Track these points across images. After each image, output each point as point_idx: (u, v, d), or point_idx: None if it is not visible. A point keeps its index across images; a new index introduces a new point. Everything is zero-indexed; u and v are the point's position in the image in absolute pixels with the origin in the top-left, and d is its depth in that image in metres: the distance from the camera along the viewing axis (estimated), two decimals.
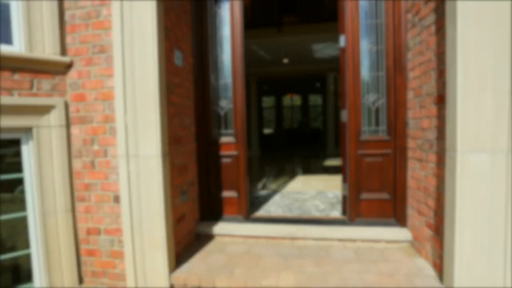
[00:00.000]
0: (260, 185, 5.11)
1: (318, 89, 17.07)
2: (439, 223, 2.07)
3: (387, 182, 2.86)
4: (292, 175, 6.13)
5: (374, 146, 2.86)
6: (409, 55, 2.58)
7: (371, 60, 2.87)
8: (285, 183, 5.21)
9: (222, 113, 3.15)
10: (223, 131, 3.17)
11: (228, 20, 3.06)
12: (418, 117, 2.42)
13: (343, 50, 2.95)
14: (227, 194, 3.17)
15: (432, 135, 2.18)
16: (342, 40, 2.94)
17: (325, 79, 10.65)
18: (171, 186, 2.40)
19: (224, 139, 3.14)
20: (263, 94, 18.75)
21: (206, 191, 3.15)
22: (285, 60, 9.61)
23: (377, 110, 2.89)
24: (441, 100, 2.03)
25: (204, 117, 3.13)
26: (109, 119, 2.23)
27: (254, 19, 8.47)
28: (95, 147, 2.26)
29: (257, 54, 8.82)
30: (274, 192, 4.46)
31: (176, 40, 2.57)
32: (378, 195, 2.89)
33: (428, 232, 2.27)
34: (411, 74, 2.57)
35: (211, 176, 3.18)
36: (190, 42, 2.96)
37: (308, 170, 6.96)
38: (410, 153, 2.63)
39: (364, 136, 2.88)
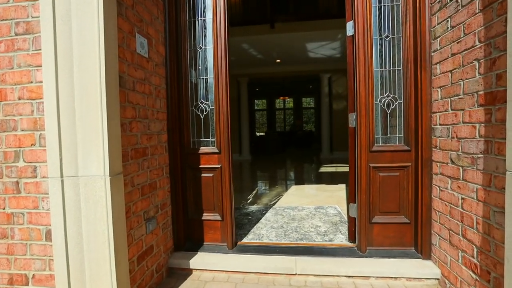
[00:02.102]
0: (250, 197, 4.52)
1: (312, 91, 16.63)
2: (490, 266, 1.52)
3: (405, 202, 2.31)
4: (285, 184, 5.56)
5: (390, 157, 2.31)
6: (436, 45, 2.05)
7: (385, 52, 2.33)
8: (278, 195, 4.63)
9: (202, 116, 2.56)
10: (203, 138, 2.57)
11: (210, 1, 2.48)
12: (451, 123, 1.87)
13: (350, 40, 2.40)
14: (208, 216, 2.58)
15: (475, 147, 1.63)
16: (350, 28, 2.39)
17: (320, 81, 10.16)
18: (129, 214, 1.80)
19: (204, 149, 2.55)
20: (255, 96, 18.22)
21: (182, 213, 2.55)
22: (278, 60, 9.07)
23: (392, 114, 2.35)
24: (493, 100, 1.48)
25: (180, 121, 2.53)
26: (39, 125, 1.62)
27: (245, 15, 7.94)
28: (20, 163, 1.64)
29: (248, 54, 8.27)
30: (266, 207, 3.88)
31: (138, 22, 1.97)
32: (395, 218, 2.34)
33: (468, 275, 1.72)
34: (438, 69, 2.03)
35: (188, 194, 2.58)
36: (162, 28, 2.37)
37: (303, 178, 6.41)
38: (436, 168, 2.08)
39: (378, 145, 2.33)
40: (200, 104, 2.55)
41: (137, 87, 1.94)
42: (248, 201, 4.26)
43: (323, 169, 7.55)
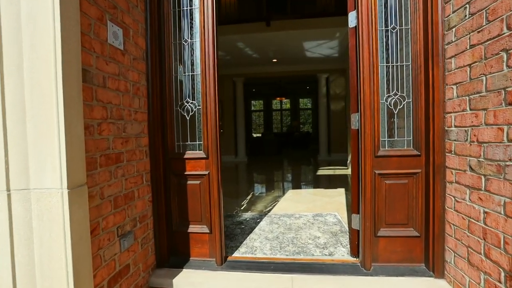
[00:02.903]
0: (244, 203, 4.26)
1: (310, 91, 16.42)
2: None
3: (415, 213, 2.07)
4: (282, 188, 5.31)
5: (397, 163, 2.07)
6: (450, 36, 1.81)
7: (392, 45, 2.08)
8: (274, 200, 4.37)
9: (188, 117, 2.30)
10: (189, 142, 2.31)
11: None
12: (470, 125, 1.63)
13: (353, 32, 2.16)
14: (195, 228, 2.31)
15: (502, 153, 1.39)
16: (352, 18, 2.15)
17: (317, 81, 9.94)
18: (97, 231, 1.54)
19: (190, 153, 2.29)
20: (252, 97, 17.98)
21: (165, 225, 2.28)
22: (274, 60, 8.83)
23: (400, 114, 2.11)
24: None
25: (163, 123, 2.27)
26: None
27: (240, 12, 7.69)
28: None
29: (243, 53, 8.02)
30: (261, 214, 3.62)
31: (111, 8, 1.71)
32: (403, 231, 2.09)
33: None
34: (453, 63, 1.79)
35: (173, 204, 2.31)
36: (142, 18, 2.10)
37: (300, 181, 6.16)
38: (451, 175, 1.84)
39: (384, 150, 2.09)
40: (186, 104, 2.29)
41: (109, 83, 1.68)
42: (242, 208, 4.00)
43: (320, 171, 7.31)
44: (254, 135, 17.95)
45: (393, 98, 2.08)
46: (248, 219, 3.43)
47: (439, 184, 1.93)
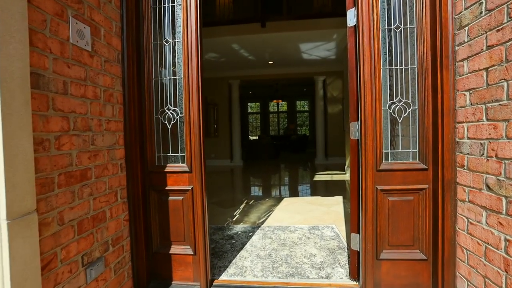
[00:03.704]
0: (237, 213, 4.03)
1: (306, 93, 16.23)
2: None
3: (421, 233, 1.85)
4: (277, 195, 5.08)
5: (402, 178, 1.85)
6: (462, 36, 1.60)
7: (395, 47, 1.88)
8: (268, 209, 4.15)
9: (169, 126, 2.07)
10: (171, 153, 2.09)
11: None
12: (487, 137, 1.42)
13: (352, 32, 1.95)
14: (177, 249, 2.08)
15: None
16: (352, 16, 1.94)
17: (314, 84, 9.74)
18: (53, 265, 1.30)
19: (172, 166, 2.06)
20: (248, 99, 17.77)
21: (144, 246, 2.05)
22: (270, 62, 8.63)
23: (404, 123, 1.90)
24: None
25: (142, 133, 2.04)
26: None
27: (235, 13, 7.49)
28: None
29: (239, 55, 7.81)
30: (253, 226, 3.39)
31: (75, 3, 1.49)
32: (408, 253, 1.87)
33: None
34: (466, 66, 1.58)
35: (153, 223, 2.08)
36: (117, 16, 1.88)
37: (296, 187, 5.94)
38: (463, 193, 1.63)
39: (386, 163, 1.87)
40: (167, 111, 2.07)
41: (71, 89, 1.45)
42: (234, 219, 3.77)
43: (317, 177, 7.10)
44: (251, 138, 17.74)
45: (397, 105, 1.87)
46: (239, 232, 3.20)
47: (449, 202, 1.72)
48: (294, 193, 5.38)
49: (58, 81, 1.36)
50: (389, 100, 1.87)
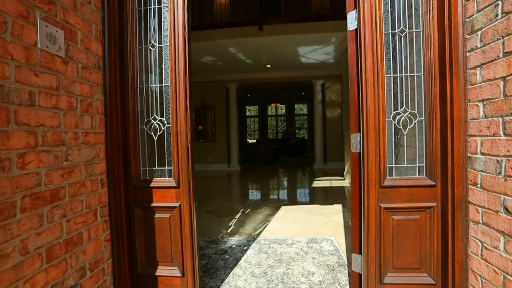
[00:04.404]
0: (232, 223, 3.86)
1: (305, 97, 16.12)
2: None
3: (429, 255, 1.70)
4: (274, 203, 4.92)
5: (407, 195, 1.70)
6: (474, 41, 1.46)
7: (400, 52, 1.73)
8: (265, 219, 3.98)
9: (155, 137, 1.92)
10: (157, 167, 1.93)
11: None
12: (505, 155, 1.27)
13: (353, 36, 1.80)
14: (164, 271, 1.92)
15: None
16: (352, 20, 1.79)
17: (313, 87, 9.62)
18: None
19: (158, 181, 1.90)
20: (246, 102, 17.64)
21: (128, 268, 1.88)
22: (268, 66, 8.50)
23: (410, 135, 1.75)
24: None
25: (125, 145, 1.88)
26: None
27: (232, 17, 7.37)
28: None
29: (236, 58, 7.68)
30: (249, 239, 3.23)
31: (45, 4, 1.33)
32: (415, 277, 1.72)
33: None
34: (479, 74, 1.43)
35: (137, 242, 1.92)
36: (97, 19, 1.73)
37: (295, 195, 5.78)
38: (476, 214, 1.48)
39: (391, 178, 1.72)
40: (153, 121, 1.91)
41: (40, 100, 1.30)
42: (229, 230, 3.60)
43: (316, 182, 6.95)
44: (250, 141, 17.60)
45: (402, 115, 1.72)
46: (234, 246, 3.03)
47: (460, 223, 1.56)
48: (292, 200, 5.22)
49: (22, 91, 1.20)
50: (393, 110, 1.72)
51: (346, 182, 6.71)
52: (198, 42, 6.45)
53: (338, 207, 4.52)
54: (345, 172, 7.08)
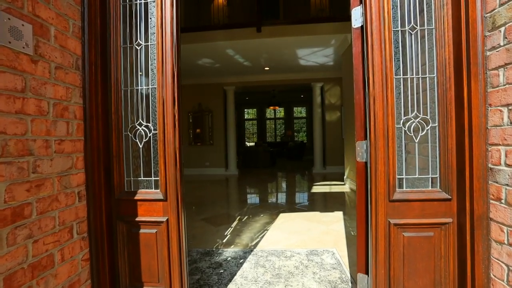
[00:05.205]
0: (228, 232, 3.68)
1: (304, 100, 15.97)
2: None
3: (444, 277, 1.52)
4: (272, 210, 4.74)
5: (419, 209, 1.53)
6: (497, 38, 1.29)
7: (410, 51, 1.57)
8: (262, 228, 3.80)
9: (141, 144, 1.74)
10: (142, 177, 1.75)
11: None
12: None
13: (358, 35, 1.64)
14: None
15: None
16: (357, 16, 1.63)
17: (312, 90, 9.47)
18: None
19: (143, 193, 1.72)
20: (245, 105, 17.48)
21: (110, 287, 1.70)
22: (267, 68, 8.35)
23: (421, 143, 1.58)
24: None
25: (107, 153, 1.70)
26: None
27: (230, 18, 7.24)
28: None
29: (234, 60, 7.53)
30: (245, 250, 3.04)
31: None
32: None
33: None
34: (502, 76, 1.27)
35: (120, 260, 1.74)
36: (75, 14, 1.56)
37: (293, 201, 5.60)
38: (500, 233, 1.31)
39: (401, 191, 1.55)
40: (139, 127, 1.74)
41: (0, 104, 1.12)
42: (225, 240, 3.42)
43: (315, 188, 6.77)
44: (248, 144, 17.43)
45: (413, 121, 1.55)
46: (229, 258, 2.85)
47: (480, 242, 1.39)
48: (291, 207, 5.04)
49: None
50: (404, 116, 1.56)
51: (346, 187, 6.54)
52: (195, 44, 6.30)
53: (338, 215, 4.34)
54: (345, 176, 6.91)
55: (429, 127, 1.54)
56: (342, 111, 7.75)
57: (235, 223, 4.12)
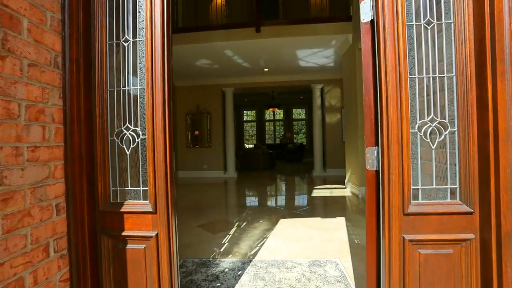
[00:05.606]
0: (226, 240, 3.51)
1: (304, 102, 15.83)
2: None
3: None
4: (272, 216, 4.57)
5: (437, 223, 1.37)
6: None
7: (426, 48, 1.41)
8: (262, 235, 3.63)
9: (128, 151, 1.58)
10: (130, 187, 1.59)
11: None
12: None
13: (367, 30, 1.48)
14: None
15: None
16: (367, 9, 1.48)
17: (312, 92, 9.32)
18: None
19: (131, 204, 1.56)
20: (244, 107, 17.33)
21: None
22: (266, 69, 8.21)
23: (439, 149, 1.42)
24: None
25: (90, 160, 1.54)
26: None
27: (229, 18, 7.10)
28: None
29: (233, 61, 7.39)
30: (244, 261, 2.87)
31: None
32: None
33: None
34: None
35: (105, 278, 1.57)
36: (53, 5, 1.40)
37: (293, 206, 5.43)
38: None
39: (416, 203, 1.39)
40: (126, 132, 1.57)
41: None
42: (222, 249, 3.25)
43: (316, 191, 6.60)
44: (247, 146, 17.28)
45: (430, 126, 1.40)
46: (226, 270, 2.68)
47: (508, 262, 1.23)
48: (291, 212, 4.87)
49: None
50: (419, 120, 1.40)
51: (347, 191, 6.39)
52: (193, 44, 6.16)
53: (341, 221, 4.17)
54: (346, 180, 6.76)
55: (447, 131, 1.39)
56: (343, 113, 7.61)
57: (233, 230, 3.95)
